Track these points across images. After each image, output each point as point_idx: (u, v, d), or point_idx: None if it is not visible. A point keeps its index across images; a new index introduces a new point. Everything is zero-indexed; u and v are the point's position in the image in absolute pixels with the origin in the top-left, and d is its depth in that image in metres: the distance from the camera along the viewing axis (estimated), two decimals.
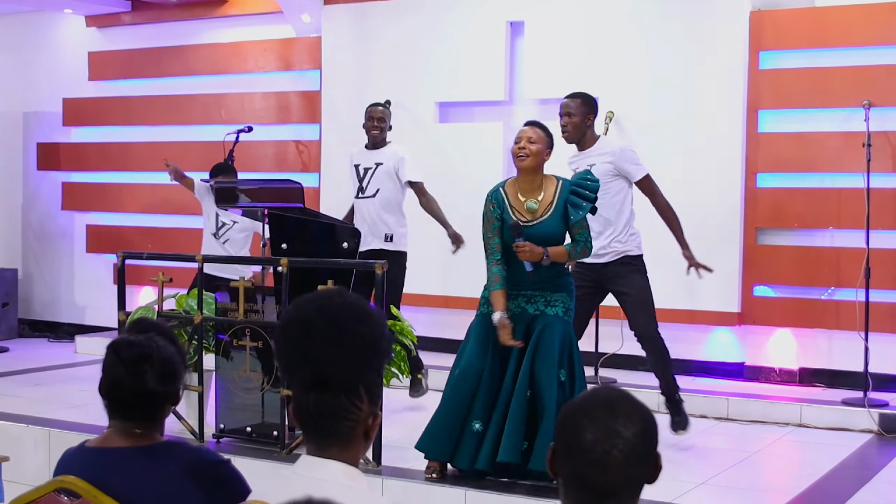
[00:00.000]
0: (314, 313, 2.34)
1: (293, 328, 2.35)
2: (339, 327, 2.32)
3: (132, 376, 2.81)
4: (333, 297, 2.38)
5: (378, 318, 2.40)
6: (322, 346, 2.31)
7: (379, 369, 2.44)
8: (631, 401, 2.13)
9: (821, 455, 6.63)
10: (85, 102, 11.55)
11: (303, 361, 2.33)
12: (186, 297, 6.95)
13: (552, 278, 5.67)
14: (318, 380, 2.32)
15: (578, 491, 2.10)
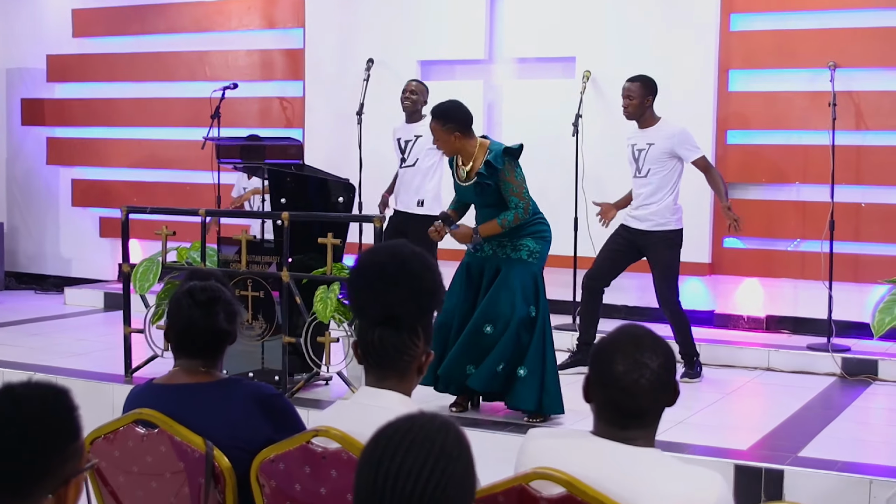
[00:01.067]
0: (387, 259, 2.71)
1: (369, 271, 2.72)
2: (408, 273, 2.69)
3: (206, 317, 3.13)
4: (404, 247, 2.76)
5: (437, 268, 2.78)
6: (393, 287, 2.68)
7: (433, 313, 2.81)
8: (654, 337, 2.51)
9: (788, 397, 6.97)
10: (69, 59, 11.65)
11: (375, 300, 2.70)
12: (188, 250, 7.23)
13: (515, 229, 6.10)
14: (386, 318, 2.69)
15: (611, 414, 2.48)
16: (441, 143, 6.15)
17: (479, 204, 6.19)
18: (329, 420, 2.77)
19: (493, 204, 6.06)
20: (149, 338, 6.96)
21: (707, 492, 2.40)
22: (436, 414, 1.89)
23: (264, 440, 2.98)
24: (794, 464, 5.33)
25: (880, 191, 8.32)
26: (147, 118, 11.24)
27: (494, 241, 6.12)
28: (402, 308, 2.71)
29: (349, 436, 2.66)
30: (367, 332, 2.74)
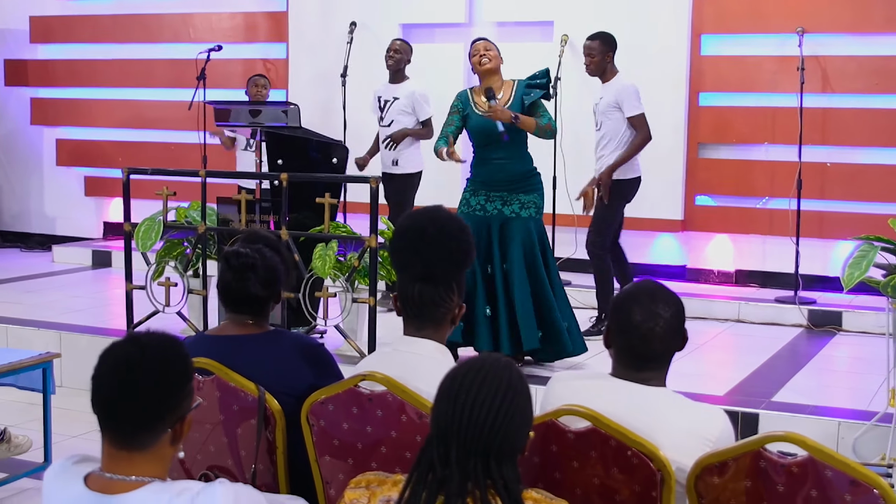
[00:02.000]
0: (427, 222, 3.05)
1: (411, 233, 3.06)
2: (445, 234, 3.04)
3: (238, 282, 3.43)
4: (441, 211, 3.10)
5: (469, 229, 3.12)
6: (432, 247, 3.02)
7: (465, 270, 3.15)
8: (666, 290, 2.87)
9: (758, 347, 7.35)
10: (52, 20, 11.80)
11: (415, 259, 3.04)
12: (188, 210, 7.49)
13: (524, 177, 6.43)
14: (425, 274, 3.04)
15: (628, 358, 2.84)
16: (495, 59, 6.46)
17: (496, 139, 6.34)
18: (373, 365, 3.11)
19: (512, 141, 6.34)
20: (150, 294, 7.20)
21: (712, 424, 2.78)
22: (499, 355, 2.24)
23: (307, 386, 3.31)
24: (769, 408, 5.73)
25: (845, 151, 8.69)
26: (131, 79, 11.41)
27: (498, 199, 6.39)
28: (440, 266, 3.06)
29: (393, 379, 3.00)
30: (408, 287, 3.08)
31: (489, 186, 6.44)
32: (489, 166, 6.45)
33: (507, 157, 6.39)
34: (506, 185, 6.41)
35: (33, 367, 5.42)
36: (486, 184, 6.46)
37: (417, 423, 2.98)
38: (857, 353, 7.38)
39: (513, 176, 6.41)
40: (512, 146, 6.37)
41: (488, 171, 6.44)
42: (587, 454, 2.76)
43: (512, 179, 6.41)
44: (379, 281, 7.17)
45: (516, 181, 6.41)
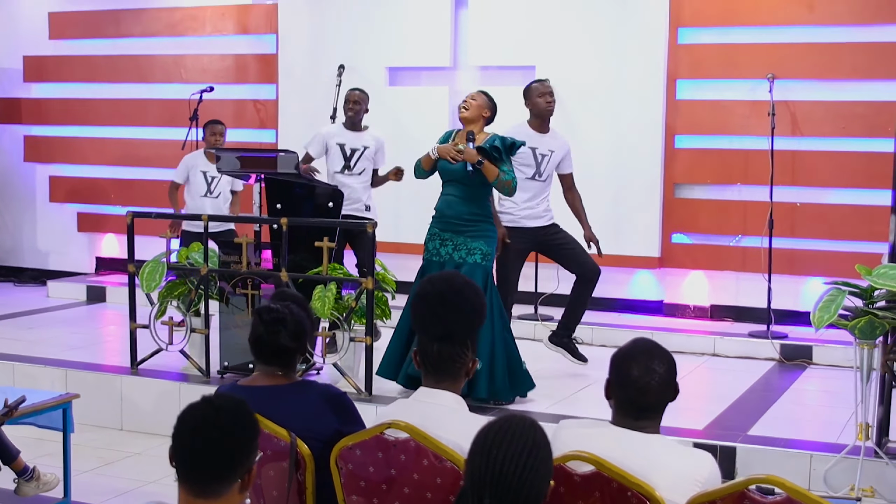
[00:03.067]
0: (446, 288, 3.42)
1: (431, 298, 3.42)
2: (462, 298, 3.41)
3: (270, 335, 3.77)
4: (457, 277, 3.47)
5: (482, 292, 3.49)
6: (451, 311, 3.39)
7: (478, 329, 3.52)
8: (660, 348, 3.24)
9: (733, 380, 7.72)
10: (46, 60, 12.11)
11: (435, 321, 3.40)
12: (188, 251, 7.80)
13: (471, 221, 6.75)
14: (444, 334, 3.40)
15: (627, 408, 3.20)
16: (475, 108, 6.77)
17: (454, 175, 6.73)
18: (397, 414, 3.46)
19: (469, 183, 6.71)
20: (153, 333, 7.50)
21: (701, 467, 3.14)
22: (524, 415, 2.60)
23: (333, 432, 3.66)
24: (745, 441, 6.09)
25: (814, 191, 9.09)
26: (124, 118, 11.72)
27: (450, 243, 6.74)
28: (457, 327, 3.42)
29: (415, 426, 3.35)
30: (428, 346, 3.44)
31: (440, 222, 6.84)
32: (444, 200, 6.87)
33: (460, 196, 6.76)
34: (453, 223, 6.76)
35: (54, 408, 5.73)
36: (438, 219, 6.87)
37: (437, 466, 3.32)
38: (826, 386, 7.76)
39: (460, 214, 6.75)
40: (469, 187, 6.74)
41: (442, 205, 6.87)
42: (591, 495, 3.12)
43: (459, 218, 6.75)
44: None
45: (463, 222, 6.75)
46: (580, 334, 8.24)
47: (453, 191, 6.81)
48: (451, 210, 6.79)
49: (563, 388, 7.27)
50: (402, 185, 9.40)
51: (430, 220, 9.08)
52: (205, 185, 9.33)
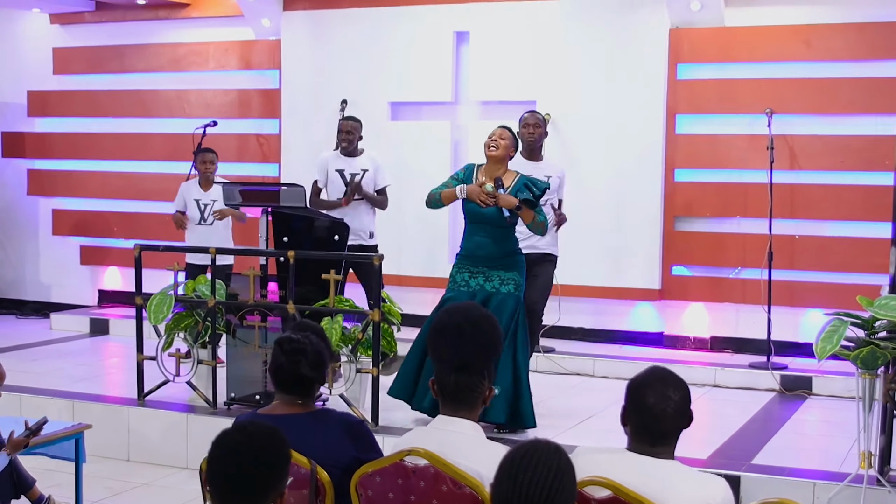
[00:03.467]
0: (463, 320, 3.51)
1: (449, 329, 3.51)
2: (479, 330, 3.50)
3: (290, 364, 3.86)
4: (473, 310, 3.56)
5: (499, 324, 3.58)
6: (468, 342, 3.48)
7: (495, 359, 3.60)
8: (676, 376, 3.32)
9: (734, 411, 7.81)
10: (49, 94, 12.22)
11: (452, 353, 3.49)
12: (195, 284, 7.89)
13: (503, 257, 6.90)
14: (462, 365, 3.49)
15: (642, 434, 3.28)
16: (504, 148, 6.90)
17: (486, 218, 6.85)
18: (416, 441, 3.54)
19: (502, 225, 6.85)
20: (161, 364, 7.57)
21: (715, 491, 3.22)
22: (548, 441, 2.68)
23: (352, 459, 3.73)
24: (749, 470, 6.18)
25: (813, 224, 9.22)
26: (127, 152, 11.82)
27: (481, 275, 6.88)
28: (474, 358, 3.51)
29: (434, 453, 3.43)
30: (445, 376, 3.53)
31: (471, 261, 6.94)
32: (474, 241, 6.95)
33: (492, 238, 6.88)
34: (485, 261, 6.90)
35: (67, 438, 5.81)
36: (468, 258, 6.97)
37: (456, 492, 3.40)
38: (827, 416, 7.85)
39: (492, 255, 6.89)
40: (501, 228, 6.88)
41: (472, 246, 6.95)
42: None
43: (491, 257, 6.89)
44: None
45: (495, 259, 6.90)
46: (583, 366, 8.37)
47: (484, 233, 6.90)
48: (482, 251, 6.90)
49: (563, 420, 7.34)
50: (405, 217, 9.53)
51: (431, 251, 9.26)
52: (199, 213, 9.41)
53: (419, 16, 10.37)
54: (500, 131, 7.03)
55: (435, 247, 10.14)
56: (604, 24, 9.76)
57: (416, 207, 8.83)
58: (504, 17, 10.08)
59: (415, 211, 9.00)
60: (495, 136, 6.99)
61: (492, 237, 6.90)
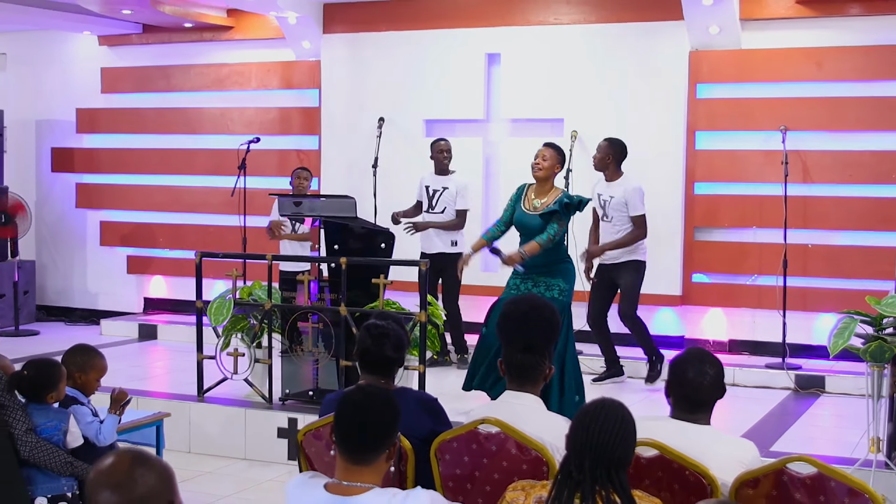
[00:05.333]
0: (528, 308, 4.12)
1: (516, 316, 4.12)
2: (542, 317, 4.11)
3: (376, 346, 4.45)
4: (536, 299, 4.18)
5: (557, 310, 4.19)
6: (532, 327, 4.09)
7: (555, 342, 4.21)
8: (711, 355, 3.93)
9: (751, 407, 8.33)
10: (97, 112, 12.84)
11: (521, 335, 4.09)
12: (251, 288, 8.47)
13: (551, 265, 7.56)
14: (527, 346, 4.09)
15: (683, 404, 3.88)
16: (548, 168, 7.58)
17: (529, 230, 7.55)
18: (487, 413, 4.13)
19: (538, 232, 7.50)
20: (219, 363, 8.15)
21: (746, 451, 3.83)
22: (614, 399, 3.28)
23: (428, 431, 4.32)
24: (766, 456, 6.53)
25: (824, 234, 9.76)
26: (172, 166, 12.42)
27: (530, 280, 7.49)
28: (537, 340, 4.12)
29: (504, 422, 4.03)
30: (512, 357, 4.14)
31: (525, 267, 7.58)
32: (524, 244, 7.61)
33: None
34: (532, 268, 7.56)
35: (149, 425, 6.43)
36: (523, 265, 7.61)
37: (522, 455, 3.99)
38: (839, 411, 8.43)
39: (537, 262, 7.55)
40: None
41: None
42: (656, 474, 3.79)
43: (536, 265, 7.55)
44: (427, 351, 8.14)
45: (540, 266, 7.55)
46: None
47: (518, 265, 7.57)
48: (536, 259, 7.53)
49: None
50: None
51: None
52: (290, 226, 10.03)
53: (453, 39, 10.93)
54: (543, 152, 7.65)
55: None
56: (628, 47, 10.30)
57: None
58: (533, 40, 10.64)
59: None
60: (538, 157, 7.60)
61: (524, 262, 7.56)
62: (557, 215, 7.50)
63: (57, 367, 5.05)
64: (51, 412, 5.01)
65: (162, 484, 2.46)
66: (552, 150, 7.66)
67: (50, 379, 4.97)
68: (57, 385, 4.99)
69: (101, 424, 5.15)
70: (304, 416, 7.59)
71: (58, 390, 5.01)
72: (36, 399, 4.98)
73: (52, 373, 5.00)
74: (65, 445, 4.98)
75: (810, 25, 9.82)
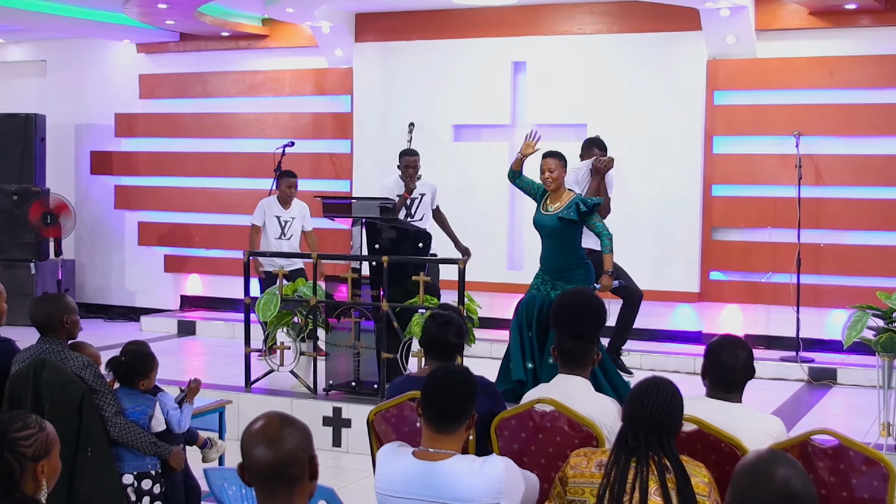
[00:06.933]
0: (579, 299, 4.63)
1: (569, 308, 4.63)
2: (591, 307, 4.62)
3: (440, 333, 4.94)
4: (586, 291, 4.70)
5: (604, 304, 4.70)
6: (583, 316, 4.60)
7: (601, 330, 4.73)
8: (742, 341, 4.44)
9: (767, 397, 8.73)
10: (135, 117, 13.34)
11: (573, 324, 4.60)
12: (295, 286, 8.94)
13: (567, 268, 7.93)
14: (578, 334, 4.60)
15: (718, 384, 4.38)
16: (557, 180, 7.90)
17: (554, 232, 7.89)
18: (542, 394, 4.64)
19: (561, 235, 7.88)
20: (266, 356, 8.65)
21: (774, 426, 4.33)
22: (664, 377, 3.78)
23: (487, 411, 4.80)
24: None
25: (836, 234, 10.23)
26: (208, 169, 12.90)
27: (549, 284, 7.92)
28: (587, 328, 4.63)
29: (558, 401, 4.53)
30: (564, 343, 4.65)
31: (544, 270, 8.02)
32: (544, 254, 8.06)
33: (555, 249, 7.95)
34: (552, 272, 7.94)
35: (214, 411, 6.92)
36: (542, 267, 8.05)
37: (574, 432, 4.48)
38: (850, 401, 8.91)
39: (557, 265, 7.94)
40: (559, 239, 7.94)
41: (543, 258, 8.06)
42: (695, 447, 4.29)
43: (557, 268, 7.94)
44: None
45: (560, 270, 7.92)
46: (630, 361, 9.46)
47: (549, 245, 7.98)
48: (550, 262, 7.96)
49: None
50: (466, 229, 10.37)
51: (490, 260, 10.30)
52: (279, 228, 10.42)
53: (480, 47, 11.40)
54: (548, 164, 7.93)
55: (494, 255, 11.16)
56: (648, 56, 10.78)
57: (476, 220, 9.95)
58: (557, 49, 11.12)
59: (475, 223, 10.06)
60: (545, 171, 7.94)
61: (553, 250, 7.97)
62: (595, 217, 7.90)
63: (151, 357, 5.52)
64: (139, 397, 5.46)
65: (305, 441, 2.96)
66: (555, 159, 7.96)
67: (144, 367, 5.45)
68: (149, 373, 5.47)
69: (180, 413, 5.60)
70: (348, 405, 8.07)
71: (149, 378, 5.48)
72: (128, 384, 5.46)
73: (147, 362, 5.48)
74: (149, 429, 5.43)
75: (822, 36, 10.28)
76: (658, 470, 3.57)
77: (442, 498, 3.67)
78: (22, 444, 3.23)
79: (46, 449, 3.28)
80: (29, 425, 3.28)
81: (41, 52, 13.99)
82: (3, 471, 3.20)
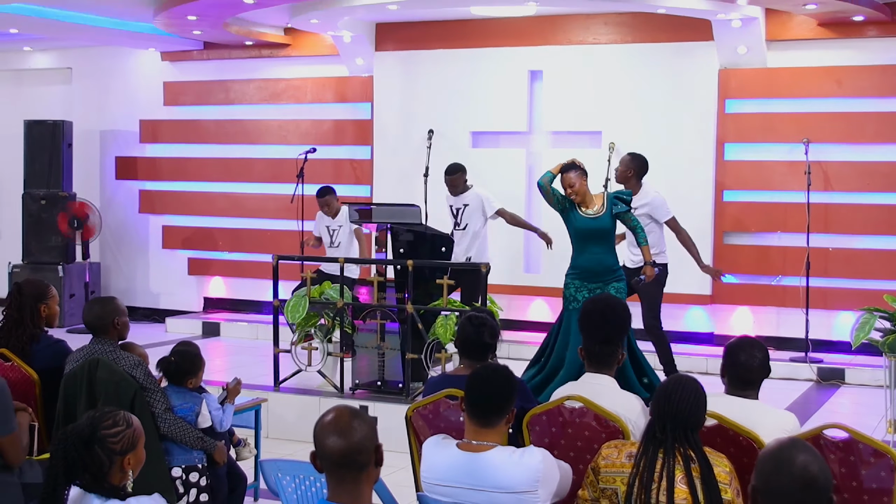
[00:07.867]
0: (605, 306, 4.96)
1: (596, 312, 4.95)
2: (618, 314, 4.94)
3: (475, 333, 5.24)
4: (612, 298, 5.02)
5: (629, 309, 5.03)
6: (610, 322, 4.92)
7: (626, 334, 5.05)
8: (758, 342, 4.76)
9: (777, 396, 8.88)
10: (160, 123, 13.64)
11: (598, 329, 4.92)
12: (322, 289, 9.24)
13: (614, 270, 8.12)
14: (605, 338, 4.92)
15: (736, 382, 4.70)
16: (581, 193, 8.00)
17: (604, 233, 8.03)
18: (571, 391, 4.95)
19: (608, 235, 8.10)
20: (294, 356, 8.95)
21: (789, 421, 4.65)
22: (688, 375, 4.10)
23: (518, 407, 5.09)
24: None
25: (845, 238, 10.50)
26: (231, 174, 13.19)
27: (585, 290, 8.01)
28: (613, 333, 4.95)
29: (586, 398, 4.84)
30: (591, 346, 4.97)
31: (587, 277, 8.05)
32: (588, 257, 8.07)
33: (602, 252, 8.07)
34: (601, 276, 8.03)
35: (251, 409, 7.24)
36: (584, 273, 8.06)
37: (601, 428, 4.80)
38: (858, 400, 9.21)
39: (607, 268, 8.06)
40: (606, 242, 8.12)
41: (588, 262, 8.07)
42: (715, 440, 4.60)
43: (606, 271, 8.06)
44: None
45: (608, 273, 8.06)
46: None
47: (595, 248, 8.03)
48: (600, 266, 8.02)
49: None
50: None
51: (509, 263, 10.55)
52: (329, 237, 10.84)
53: (498, 56, 11.68)
54: (569, 180, 8.00)
55: (512, 259, 11.49)
56: (662, 65, 11.05)
57: (494, 224, 10.23)
58: (573, 58, 11.39)
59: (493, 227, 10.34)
60: (567, 187, 8.03)
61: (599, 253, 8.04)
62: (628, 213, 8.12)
63: (199, 357, 5.83)
64: (187, 395, 5.78)
65: (371, 432, 3.28)
66: (575, 171, 8.04)
67: (192, 367, 5.78)
68: (197, 373, 5.80)
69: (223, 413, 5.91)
70: (374, 403, 8.31)
71: (197, 377, 5.81)
72: (177, 382, 5.79)
73: (195, 362, 5.80)
74: (196, 425, 5.73)
75: (831, 46, 10.55)
76: (684, 460, 3.89)
77: (484, 486, 4.00)
78: (111, 441, 3.55)
79: (133, 443, 3.60)
80: (118, 422, 3.59)
81: (67, 59, 14.29)
82: (93, 464, 3.52)
